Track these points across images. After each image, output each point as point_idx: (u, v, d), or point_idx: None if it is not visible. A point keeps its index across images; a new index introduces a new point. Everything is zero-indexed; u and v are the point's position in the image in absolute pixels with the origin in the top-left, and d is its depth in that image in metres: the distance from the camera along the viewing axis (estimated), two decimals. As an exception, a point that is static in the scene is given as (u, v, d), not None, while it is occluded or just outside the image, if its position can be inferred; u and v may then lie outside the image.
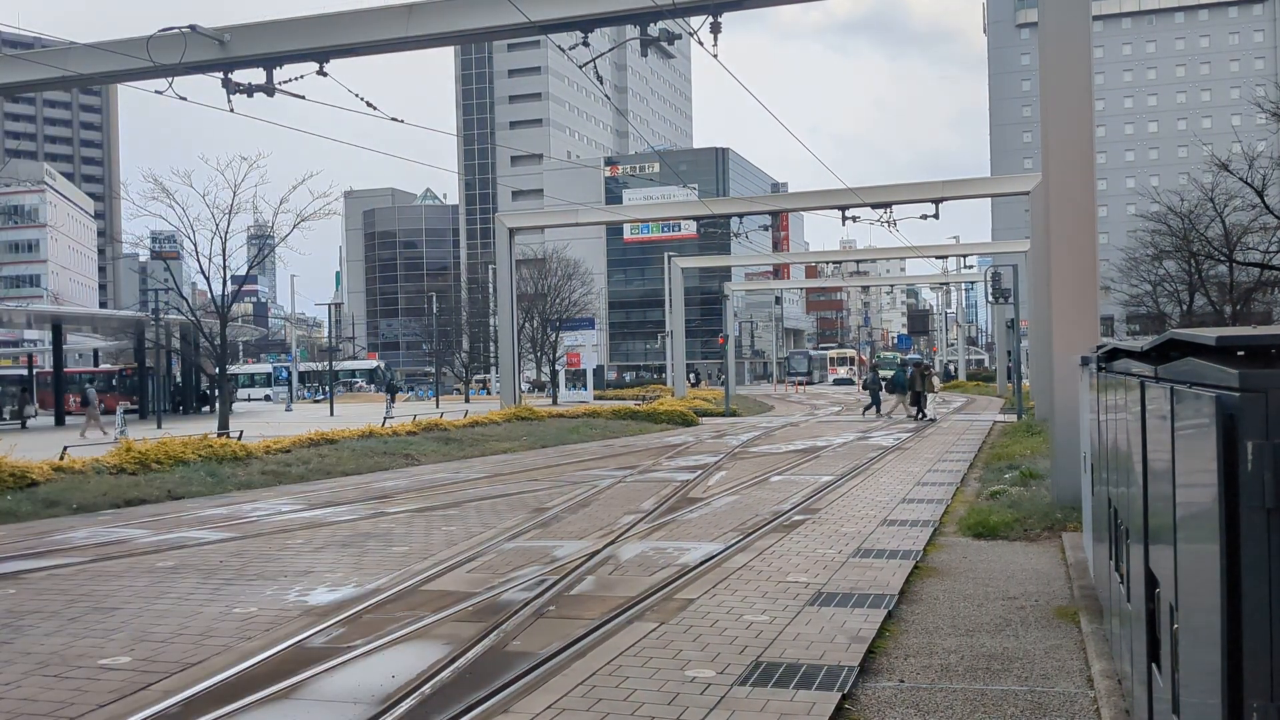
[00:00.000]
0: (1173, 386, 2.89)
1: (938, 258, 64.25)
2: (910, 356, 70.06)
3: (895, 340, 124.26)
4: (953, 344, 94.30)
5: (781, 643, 6.40)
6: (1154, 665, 3.47)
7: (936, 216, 29.54)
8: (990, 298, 38.11)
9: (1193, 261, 36.04)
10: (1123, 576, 4.57)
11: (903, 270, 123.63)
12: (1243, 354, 2.39)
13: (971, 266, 70.72)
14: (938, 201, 29.44)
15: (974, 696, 5.42)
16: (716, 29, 15.25)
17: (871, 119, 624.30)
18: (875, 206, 29.49)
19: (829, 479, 15.37)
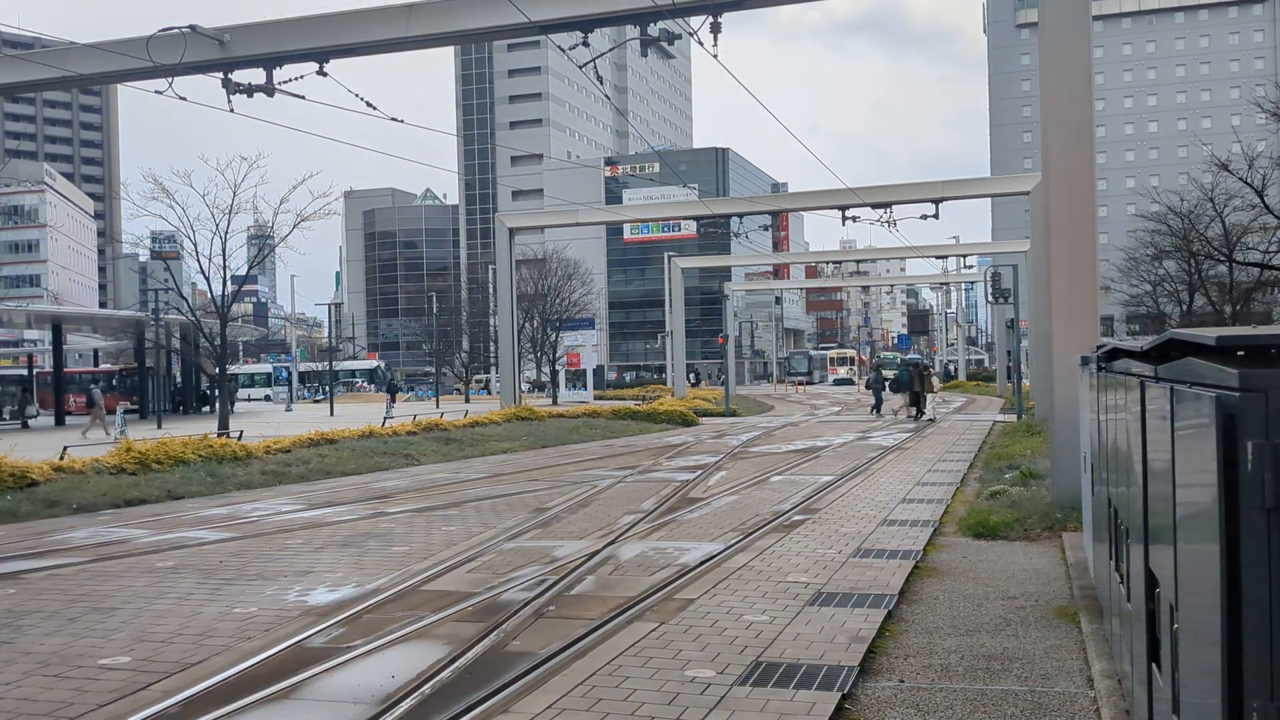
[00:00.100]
0: (1173, 386, 2.89)
1: (938, 258, 64.26)
2: (910, 357, 70.02)
3: (895, 340, 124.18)
4: (953, 344, 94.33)
5: (781, 643, 6.40)
6: (1154, 665, 3.47)
7: (936, 216, 29.58)
8: (990, 298, 38.11)
9: (1193, 261, 36.05)
10: (1123, 576, 4.57)
11: (903, 270, 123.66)
12: (1243, 354, 2.39)
13: (971, 266, 70.76)
14: (938, 201, 29.46)
15: (974, 696, 5.42)
16: (716, 29, 15.26)
17: (871, 119, 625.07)
18: (875, 206, 29.51)
19: (829, 479, 15.37)
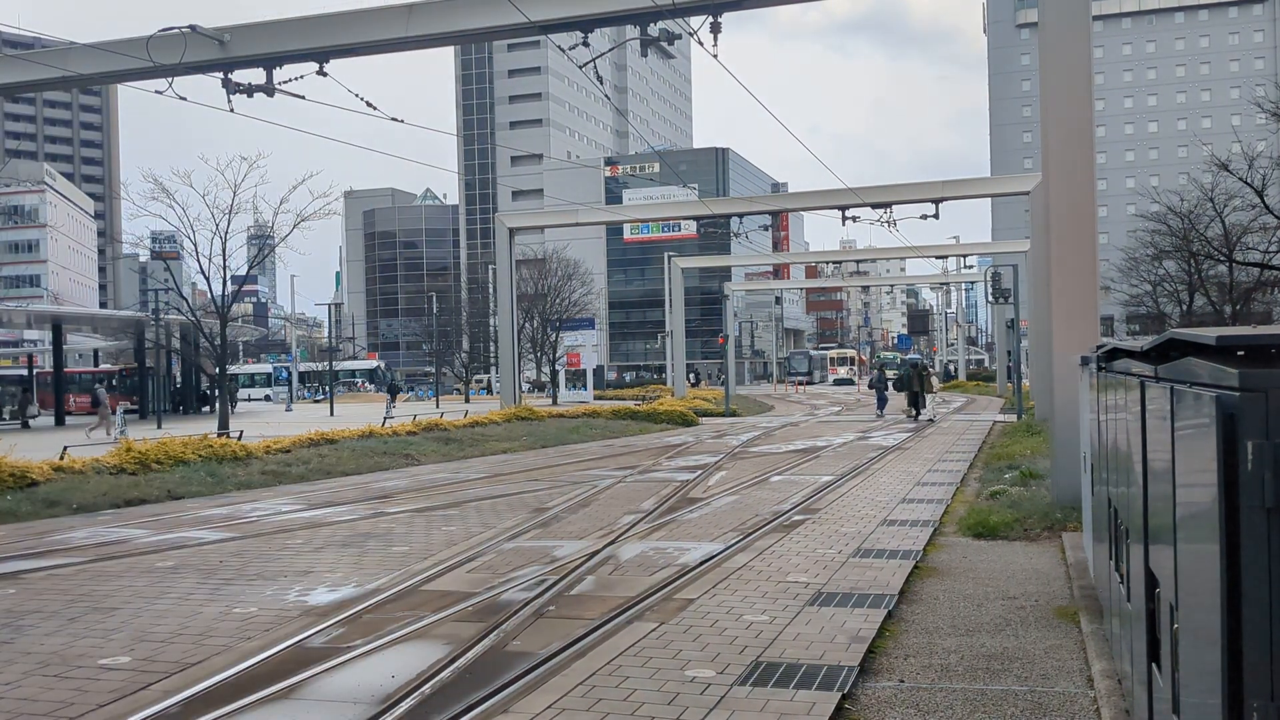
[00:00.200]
0: (1173, 386, 2.89)
1: (938, 258, 64.24)
2: (910, 357, 70.01)
3: (895, 340, 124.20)
4: (953, 344, 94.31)
5: (781, 643, 6.40)
6: (1154, 665, 3.47)
7: (936, 216, 29.58)
8: (990, 298, 38.10)
9: (1192, 261, 36.05)
10: (1123, 576, 4.57)
11: (903, 270, 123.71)
12: (1243, 354, 2.39)
13: (971, 266, 70.72)
14: (938, 201, 29.46)
15: (974, 696, 5.42)
16: (716, 29, 15.26)
17: (871, 119, 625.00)
18: (875, 206, 29.50)
19: (829, 479, 15.37)
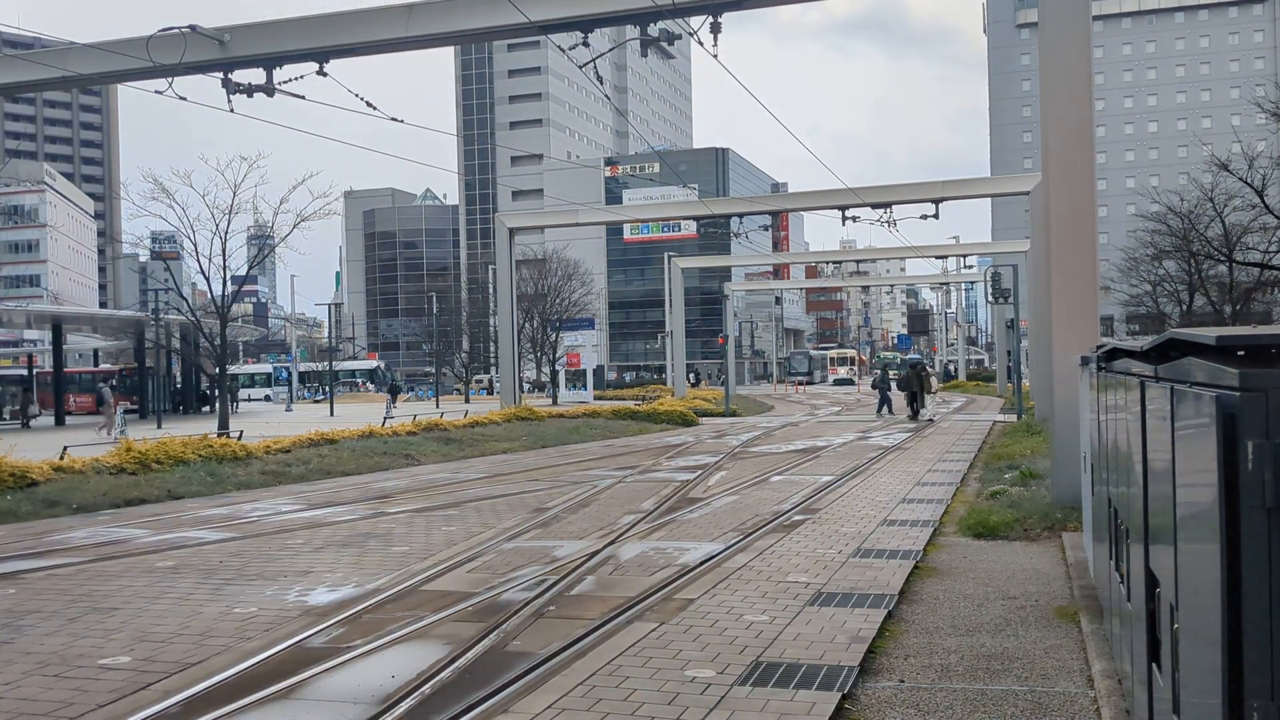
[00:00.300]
0: (1173, 386, 2.89)
1: (938, 258, 64.27)
2: (910, 357, 70.04)
3: (895, 340, 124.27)
4: (953, 344, 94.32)
5: (781, 643, 6.40)
6: (1154, 665, 3.46)
7: (936, 216, 29.59)
8: (990, 298, 38.09)
9: (1192, 261, 36.05)
10: (1123, 576, 4.57)
11: (903, 270, 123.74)
12: (1243, 354, 2.39)
13: (971, 266, 70.73)
14: (938, 201, 29.46)
15: (974, 696, 5.42)
16: (716, 29, 15.26)
17: (871, 119, 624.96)
18: (875, 206, 29.51)
19: (829, 479, 15.37)
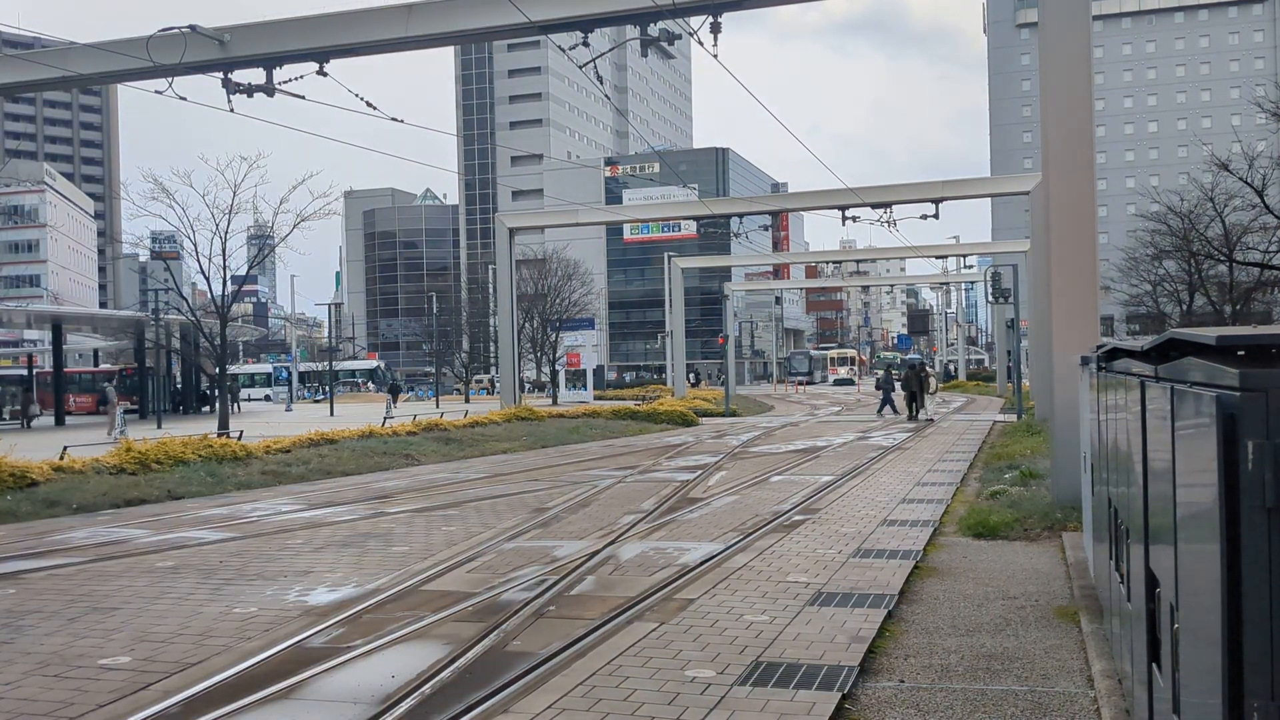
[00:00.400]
0: (1173, 386, 2.89)
1: (938, 258, 64.24)
2: (910, 357, 70.07)
3: (895, 340, 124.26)
4: (953, 344, 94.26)
5: (781, 643, 6.40)
6: (1154, 665, 3.46)
7: (936, 216, 29.59)
8: (990, 298, 38.09)
9: (1193, 261, 36.05)
10: (1123, 576, 4.57)
11: (903, 270, 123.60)
12: (1243, 354, 2.38)
13: (971, 266, 70.69)
14: (938, 201, 29.46)
15: (974, 696, 5.42)
16: (716, 29, 15.26)
17: (871, 119, 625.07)
18: (875, 206, 29.51)
19: (829, 479, 15.36)
